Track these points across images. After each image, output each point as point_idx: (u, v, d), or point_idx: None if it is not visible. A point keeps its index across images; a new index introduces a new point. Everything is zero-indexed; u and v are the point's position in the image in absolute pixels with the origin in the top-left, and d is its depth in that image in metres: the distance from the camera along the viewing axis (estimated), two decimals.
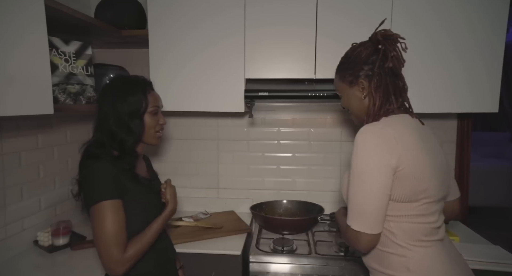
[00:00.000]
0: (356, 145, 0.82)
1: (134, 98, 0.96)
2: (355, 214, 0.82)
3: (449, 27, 1.31)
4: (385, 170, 0.79)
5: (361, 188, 0.81)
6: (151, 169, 1.16)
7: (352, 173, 0.82)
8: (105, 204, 0.86)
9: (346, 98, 0.97)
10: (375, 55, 0.89)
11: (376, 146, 0.80)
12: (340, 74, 0.97)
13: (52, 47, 1.15)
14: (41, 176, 1.38)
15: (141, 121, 0.98)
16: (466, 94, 1.34)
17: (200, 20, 1.39)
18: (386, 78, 0.88)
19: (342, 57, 0.98)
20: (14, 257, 1.21)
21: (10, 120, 1.22)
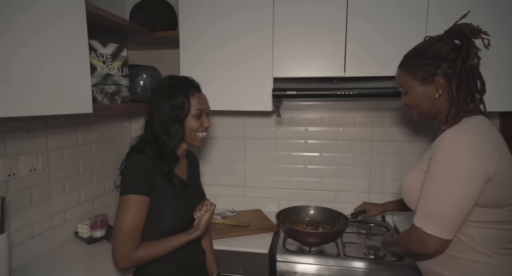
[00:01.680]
0: (446, 147, 0.77)
1: (176, 101, 0.96)
2: (431, 216, 0.77)
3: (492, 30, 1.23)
4: (478, 176, 0.74)
5: (447, 191, 0.76)
6: (193, 169, 1.15)
7: (436, 174, 0.77)
8: (131, 198, 0.88)
9: (414, 95, 0.89)
10: (455, 52, 0.83)
11: (472, 150, 0.75)
12: (410, 70, 0.89)
13: (91, 49, 1.22)
14: (80, 171, 1.47)
15: (181, 126, 0.98)
16: (509, 92, 1.24)
17: (228, 21, 1.41)
18: (468, 77, 0.82)
19: (412, 51, 0.91)
20: (58, 246, 1.30)
21: (54, 119, 1.32)
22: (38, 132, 1.25)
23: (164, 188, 0.94)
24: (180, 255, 0.99)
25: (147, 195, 0.90)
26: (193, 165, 1.17)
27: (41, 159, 1.25)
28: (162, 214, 0.94)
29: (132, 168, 0.92)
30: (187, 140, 1.03)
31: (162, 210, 0.94)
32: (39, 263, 1.17)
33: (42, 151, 1.26)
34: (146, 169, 0.91)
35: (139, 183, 0.90)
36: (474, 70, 0.83)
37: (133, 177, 0.91)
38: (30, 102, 0.86)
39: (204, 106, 1.03)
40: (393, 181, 1.66)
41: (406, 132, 1.63)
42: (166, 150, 0.97)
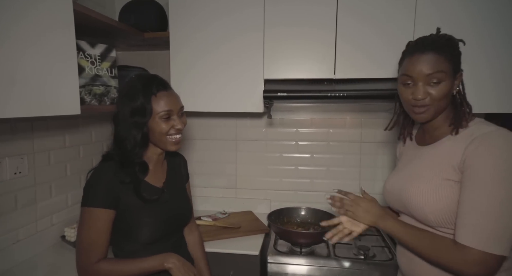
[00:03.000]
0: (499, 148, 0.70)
1: (135, 104, 0.87)
2: (494, 234, 0.68)
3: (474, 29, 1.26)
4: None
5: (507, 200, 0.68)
6: (173, 173, 1.05)
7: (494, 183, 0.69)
8: (88, 210, 0.85)
9: (447, 86, 0.79)
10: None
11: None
12: (451, 54, 0.79)
13: (79, 50, 1.20)
14: (68, 174, 1.44)
15: (141, 131, 0.88)
16: (493, 94, 1.28)
17: (219, 22, 1.41)
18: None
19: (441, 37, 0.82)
20: (44, 251, 1.27)
21: (40, 121, 1.29)
22: (24, 134, 1.22)
23: (130, 200, 0.88)
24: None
25: (108, 208, 0.85)
26: (175, 168, 1.08)
27: (27, 162, 1.22)
28: (133, 227, 0.89)
29: (93, 178, 0.87)
30: (158, 144, 0.93)
31: (133, 223, 0.88)
32: (24, 268, 1.14)
33: (28, 153, 1.23)
34: (107, 180, 0.86)
35: (98, 195, 0.85)
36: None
37: (92, 188, 0.86)
38: (15, 103, 0.84)
39: (173, 106, 0.90)
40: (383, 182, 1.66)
41: (395, 134, 1.65)
42: (130, 157, 0.89)
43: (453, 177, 0.76)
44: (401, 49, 1.28)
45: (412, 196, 0.82)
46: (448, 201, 0.76)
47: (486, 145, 0.72)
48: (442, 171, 0.78)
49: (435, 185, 0.79)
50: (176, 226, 1.02)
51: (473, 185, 0.71)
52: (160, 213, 0.93)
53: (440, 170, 0.79)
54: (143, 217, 0.90)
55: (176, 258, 0.90)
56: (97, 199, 0.85)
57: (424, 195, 0.80)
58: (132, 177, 0.89)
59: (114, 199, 0.86)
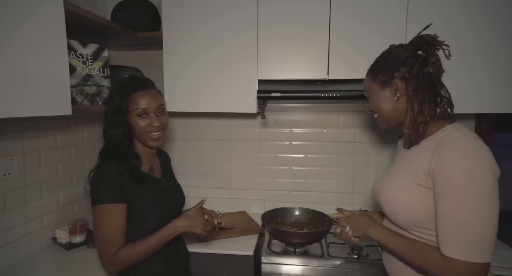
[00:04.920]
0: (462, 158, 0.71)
1: (113, 104, 0.96)
2: (473, 243, 0.69)
3: (469, 28, 1.28)
4: (497, 184, 0.72)
5: (484, 210, 0.69)
6: (166, 166, 1.15)
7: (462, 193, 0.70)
8: (103, 207, 0.89)
9: (375, 99, 0.91)
10: (414, 59, 0.85)
11: (487, 158, 0.72)
12: (372, 74, 0.92)
13: (71, 49, 1.18)
14: (59, 175, 1.42)
15: (118, 129, 0.96)
16: (486, 95, 1.29)
17: (213, 21, 1.40)
18: (424, 83, 0.84)
19: (378, 57, 0.94)
20: (34, 253, 1.25)
21: (31, 121, 1.27)
22: (13, 134, 1.20)
23: (138, 190, 0.95)
24: (166, 253, 1.00)
25: (120, 202, 0.91)
26: (166, 163, 1.17)
27: (16, 162, 1.20)
28: (142, 215, 0.95)
29: (99, 178, 0.92)
30: (140, 141, 1.00)
31: (142, 212, 0.95)
32: (14, 271, 1.12)
33: (18, 154, 1.21)
34: (113, 176, 0.91)
35: (108, 192, 0.90)
36: (434, 78, 0.85)
37: (101, 187, 0.91)
38: (4, 103, 0.83)
39: (148, 105, 0.96)
40: None
41: (387, 134, 1.67)
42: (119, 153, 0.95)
43: (424, 183, 0.78)
44: None
45: (384, 197, 0.86)
46: (417, 205, 0.79)
47: (450, 153, 0.73)
48: (414, 176, 0.80)
49: (406, 188, 0.81)
50: (175, 212, 1.08)
51: (445, 196, 0.73)
52: (164, 200, 1.02)
53: (412, 175, 0.81)
54: (149, 203, 0.96)
55: (181, 220, 0.96)
56: (108, 195, 0.90)
57: (394, 197, 0.83)
58: (132, 169, 0.95)
59: (123, 193, 0.92)
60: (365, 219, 0.92)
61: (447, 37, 1.25)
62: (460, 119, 1.59)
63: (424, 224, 0.79)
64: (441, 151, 0.74)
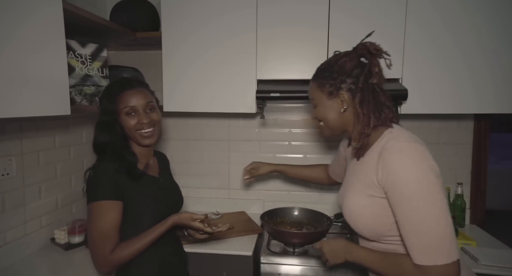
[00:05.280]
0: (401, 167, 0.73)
1: (102, 107, 0.98)
2: (437, 246, 0.70)
3: (469, 28, 1.28)
4: (440, 182, 0.73)
5: (435, 212, 0.70)
6: (164, 166, 1.14)
7: (411, 201, 0.71)
8: (98, 204, 0.88)
9: (322, 109, 0.91)
10: (359, 69, 0.85)
11: (424, 160, 0.73)
12: (319, 82, 0.90)
13: (69, 49, 1.18)
14: (58, 175, 1.42)
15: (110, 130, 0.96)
16: (487, 95, 1.30)
17: (212, 21, 1.40)
18: (369, 94, 0.84)
19: (322, 64, 0.93)
20: (33, 253, 1.25)
21: (29, 121, 1.27)
22: (12, 134, 1.20)
23: (134, 188, 0.94)
24: (162, 256, 0.99)
25: (115, 199, 0.90)
26: (164, 163, 1.17)
27: (15, 163, 1.20)
28: (138, 214, 0.94)
29: (95, 176, 0.92)
30: (134, 141, 1.00)
31: (137, 210, 0.94)
32: (12, 271, 1.12)
33: (16, 154, 1.21)
34: (109, 174, 0.90)
35: (104, 189, 0.89)
36: (377, 88, 0.85)
37: (97, 184, 0.91)
38: (2, 103, 0.83)
39: (136, 102, 0.96)
40: None
41: None
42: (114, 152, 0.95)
43: (377, 193, 0.79)
44: (393, 47, 1.31)
45: (346, 213, 0.88)
46: (375, 216, 0.80)
47: (390, 164, 0.75)
48: (366, 188, 0.81)
49: (362, 201, 0.82)
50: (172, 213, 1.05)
51: (398, 205, 0.74)
52: (160, 200, 1.00)
53: (365, 187, 0.82)
54: (147, 203, 0.95)
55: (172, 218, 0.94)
56: (104, 192, 0.89)
57: (353, 212, 0.84)
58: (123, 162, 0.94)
59: (119, 190, 0.91)
60: (340, 244, 0.91)
61: (447, 37, 1.29)
62: (459, 119, 1.61)
63: (388, 233, 0.80)
64: (383, 162, 0.76)
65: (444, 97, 1.31)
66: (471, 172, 1.62)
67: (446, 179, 1.59)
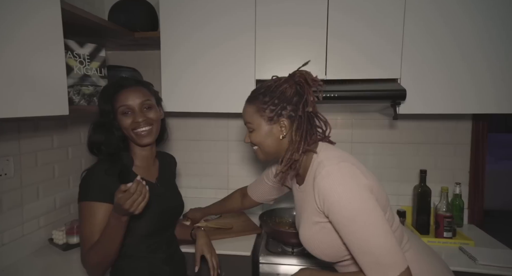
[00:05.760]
0: (332, 192, 0.76)
1: (100, 107, 0.97)
2: (384, 261, 0.72)
3: (469, 27, 1.28)
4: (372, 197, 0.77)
5: (373, 229, 0.73)
6: (165, 170, 1.11)
7: (351, 223, 0.74)
8: (86, 204, 0.88)
9: (259, 133, 0.88)
10: (298, 97, 0.86)
11: (351, 179, 0.76)
12: (258, 107, 0.88)
13: (68, 49, 1.18)
14: (56, 175, 1.42)
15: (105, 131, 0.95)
16: (486, 95, 1.30)
17: (211, 22, 1.40)
18: (305, 121, 0.86)
19: (261, 88, 0.90)
20: (30, 254, 1.25)
21: (27, 121, 1.26)
22: (10, 135, 1.19)
23: None
24: (154, 264, 0.96)
25: (105, 202, 0.87)
26: (166, 166, 1.13)
27: (13, 163, 1.19)
28: (131, 221, 0.88)
29: (88, 175, 0.92)
30: (132, 141, 0.98)
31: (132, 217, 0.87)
32: (10, 272, 1.12)
33: (14, 154, 1.21)
34: (102, 176, 0.89)
35: (94, 190, 0.88)
36: (313, 115, 0.88)
37: (88, 184, 0.90)
38: (0, 103, 0.82)
39: (131, 101, 0.94)
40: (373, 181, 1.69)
41: (385, 134, 1.68)
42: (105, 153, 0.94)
43: (321, 219, 0.82)
44: (392, 47, 1.30)
45: (302, 241, 0.89)
46: (326, 242, 0.83)
47: (322, 190, 0.77)
48: (311, 215, 0.84)
49: (311, 230, 0.85)
50: (170, 219, 1.05)
51: (339, 229, 0.77)
52: (155, 205, 0.96)
53: (310, 215, 0.85)
54: None
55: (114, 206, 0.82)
56: (94, 193, 0.88)
57: (308, 241, 0.87)
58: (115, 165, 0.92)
59: (107, 193, 0.87)
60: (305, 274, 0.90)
61: (446, 36, 1.29)
62: (457, 119, 1.62)
63: (344, 253, 0.83)
64: (317, 188, 0.79)
65: (443, 97, 1.31)
66: (469, 172, 1.63)
67: (444, 179, 1.62)
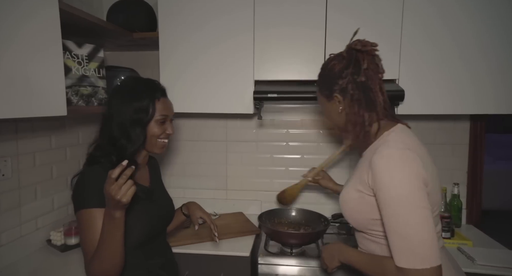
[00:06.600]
0: (385, 172, 0.76)
1: (140, 104, 0.91)
2: (415, 250, 0.71)
3: (468, 27, 1.29)
4: (424, 189, 0.75)
5: (415, 217, 0.72)
6: (155, 175, 1.11)
7: (393, 205, 0.74)
8: (86, 212, 0.83)
9: (325, 111, 0.96)
10: (348, 69, 0.86)
11: (409, 167, 0.75)
12: (318, 87, 0.95)
13: (66, 50, 1.17)
14: (54, 176, 1.41)
15: (143, 130, 0.93)
16: (485, 95, 1.30)
17: (209, 22, 1.40)
18: (359, 92, 0.85)
19: (321, 69, 0.95)
20: (28, 255, 1.24)
21: (25, 122, 1.26)
22: (7, 135, 1.19)
23: None
24: (151, 270, 0.95)
25: (104, 207, 0.81)
26: (155, 170, 1.13)
27: (10, 164, 1.19)
28: (127, 227, 0.86)
29: (84, 181, 0.86)
30: (147, 147, 0.97)
31: (127, 223, 0.85)
32: (8, 273, 1.11)
33: (12, 155, 1.20)
34: (99, 179, 0.83)
35: (92, 196, 0.83)
36: (364, 86, 0.85)
37: (85, 190, 0.85)
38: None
39: (169, 112, 0.98)
40: None
41: None
42: (125, 155, 0.89)
43: (364, 190, 0.83)
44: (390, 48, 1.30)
45: (340, 201, 0.92)
46: (360, 210, 0.84)
47: (377, 168, 0.77)
48: (358, 183, 0.85)
49: (353, 194, 0.86)
50: (163, 224, 1.04)
51: (382, 208, 0.77)
52: (151, 211, 0.96)
53: (357, 182, 0.85)
54: (137, 215, 0.90)
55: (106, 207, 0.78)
56: (92, 199, 0.84)
57: (345, 202, 0.90)
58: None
59: None
60: (334, 247, 0.97)
61: (445, 37, 1.29)
62: (455, 119, 1.62)
63: (370, 227, 0.84)
64: (372, 165, 0.79)
65: (442, 97, 1.32)
66: (467, 172, 1.63)
67: (442, 179, 1.61)
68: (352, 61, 0.85)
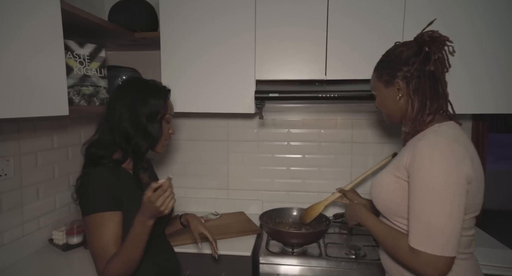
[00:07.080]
0: (425, 158, 0.75)
1: (156, 101, 0.94)
2: (432, 236, 0.72)
3: (468, 27, 1.28)
4: (464, 186, 0.73)
5: (440, 205, 0.72)
6: (153, 175, 1.13)
7: (423, 189, 0.74)
8: (96, 216, 0.82)
9: (381, 98, 0.95)
10: (416, 57, 0.85)
11: (455, 160, 0.73)
12: (377, 72, 0.94)
13: (68, 50, 1.18)
14: (56, 175, 1.42)
15: (160, 126, 0.96)
16: (485, 95, 1.30)
17: (211, 22, 1.40)
18: (426, 81, 0.84)
19: (383, 55, 0.95)
20: (30, 254, 1.24)
21: (27, 122, 1.26)
22: (9, 135, 1.19)
23: (131, 199, 0.87)
24: (157, 263, 0.96)
25: (114, 210, 0.83)
26: (150, 170, 1.14)
27: (13, 163, 1.19)
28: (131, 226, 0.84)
29: (92, 184, 0.85)
30: (153, 147, 1.00)
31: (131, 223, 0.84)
32: (10, 272, 1.11)
33: (14, 155, 1.20)
34: (106, 183, 0.84)
35: (101, 200, 0.83)
36: (437, 76, 0.85)
37: (92, 194, 0.84)
38: (0, 104, 0.82)
39: (172, 112, 1.04)
40: None
41: (385, 134, 1.68)
42: (140, 151, 0.92)
43: (401, 175, 0.83)
44: None
45: (372, 185, 0.94)
46: (393, 195, 0.84)
47: (420, 153, 0.77)
48: (396, 169, 0.85)
49: (388, 178, 0.87)
50: (163, 223, 1.05)
51: (414, 191, 0.77)
52: None
53: (396, 167, 0.86)
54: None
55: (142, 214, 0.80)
56: (101, 203, 0.83)
57: (377, 185, 0.90)
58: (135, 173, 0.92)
59: (117, 200, 0.85)
60: (357, 208, 1.01)
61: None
62: None
63: (399, 213, 0.84)
64: (415, 149, 0.78)
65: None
66: None
67: None
68: (424, 50, 0.84)
